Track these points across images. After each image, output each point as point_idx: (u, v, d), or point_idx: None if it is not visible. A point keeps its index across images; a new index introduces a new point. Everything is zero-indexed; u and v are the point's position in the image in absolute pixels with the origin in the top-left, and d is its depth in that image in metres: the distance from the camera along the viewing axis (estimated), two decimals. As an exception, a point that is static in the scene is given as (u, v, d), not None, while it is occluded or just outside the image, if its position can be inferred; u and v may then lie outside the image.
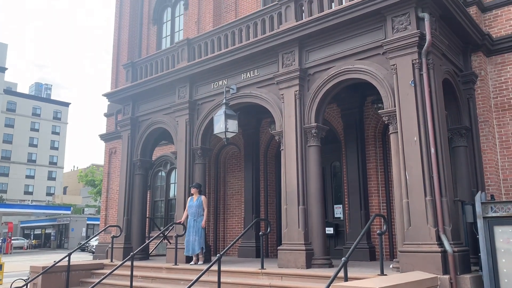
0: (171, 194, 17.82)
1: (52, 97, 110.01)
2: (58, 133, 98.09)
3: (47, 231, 68.99)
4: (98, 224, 29.15)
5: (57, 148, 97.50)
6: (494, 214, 7.37)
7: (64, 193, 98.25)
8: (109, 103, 18.82)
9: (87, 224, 63.57)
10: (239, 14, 16.30)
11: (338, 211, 12.98)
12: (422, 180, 7.73)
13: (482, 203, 7.52)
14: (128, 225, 13.47)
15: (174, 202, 14.84)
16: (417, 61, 8.16)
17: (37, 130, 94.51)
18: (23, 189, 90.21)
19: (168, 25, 20.34)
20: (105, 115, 20.74)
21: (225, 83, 11.72)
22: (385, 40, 8.64)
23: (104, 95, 14.68)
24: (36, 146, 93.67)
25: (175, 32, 19.97)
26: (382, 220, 9.47)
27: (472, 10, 10.70)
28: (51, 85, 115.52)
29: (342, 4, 9.61)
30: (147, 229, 15.58)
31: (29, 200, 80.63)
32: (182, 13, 19.61)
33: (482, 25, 10.92)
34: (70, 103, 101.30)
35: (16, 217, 69.50)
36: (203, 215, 11.29)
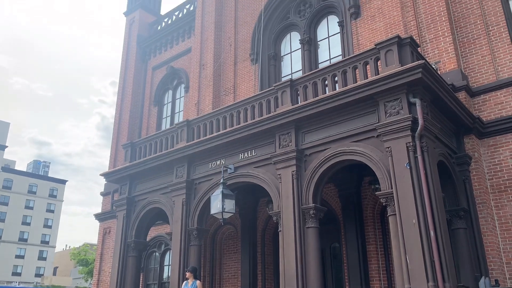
0: (165, 277, 17.15)
1: (50, 174, 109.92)
2: (52, 211, 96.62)
3: (33, 315, 65.14)
4: (87, 309, 27.63)
5: (50, 227, 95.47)
6: (500, 301, 7.07)
7: (54, 273, 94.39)
8: (106, 182, 18.80)
9: (75, 308, 60.21)
10: (238, 97, 16.91)
11: (339, 296, 12.44)
12: (424, 265, 7.53)
13: (487, 289, 7.25)
14: (118, 311, 12.78)
15: (168, 286, 14.23)
16: (411, 144, 8.34)
17: (32, 208, 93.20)
18: (11, 269, 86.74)
19: (168, 107, 21.01)
20: (102, 194, 20.63)
21: (223, 162, 11.83)
22: (379, 124, 8.89)
23: (102, 174, 14.73)
24: (29, 224, 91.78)
25: (175, 113, 20.58)
26: (385, 307, 9.04)
27: (462, 95, 11.15)
28: (49, 163, 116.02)
29: (335, 89, 10.02)
30: (138, 315, 14.75)
31: (16, 282, 77.17)
32: (182, 95, 20.36)
33: (472, 109, 11.32)
34: (67, 181, 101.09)
35: (1, 300, 66.00)
36: (198, 300, 10.76)
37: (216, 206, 10.89)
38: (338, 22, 15.32)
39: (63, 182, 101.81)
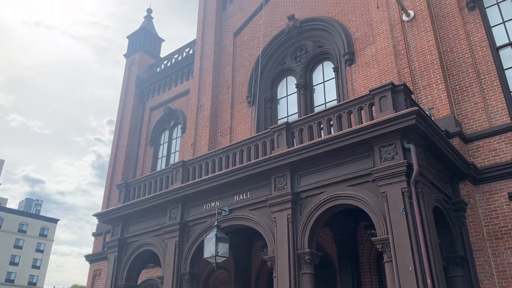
0: (155, 323, 16.54)
1: (42, 213, 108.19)
2: (42, 251, 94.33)
3: None
4: None
5: (38, 267, 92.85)
6: None
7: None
8: (98, 222, 18.51)
9: None
10: (234, 139, 17.02)
11: None
12: (421, 314, 7.33)
13: None
14: None
15: (157, 333, 13.72)
16: (407, 189, 8.34)
17: (21, 248, 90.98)
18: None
19: (164, 147, 21.07)
20: (93, 234, 20.25)
21: (218, 204, 11.72)
22: (374, 169, 8.92)
23: (95, 215, 14.52)
24: (17, 264, 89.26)
25: (171, 153, 20.61)
26: None
27: (455, 141, 11.27)
28: (42, 201, 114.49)
29: (331, 133, 10.11)
30: None
31: (0, 325, 74.04)
32: (179, 135, 20.47)
33: (466, 155, 11.41)
34: (58, 220, 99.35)
35: None
36: None
37: (209, 249, 10.69)
38: (333, 68, 15.69)
39: (55, 221, 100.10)
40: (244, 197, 11.25)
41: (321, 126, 10.44)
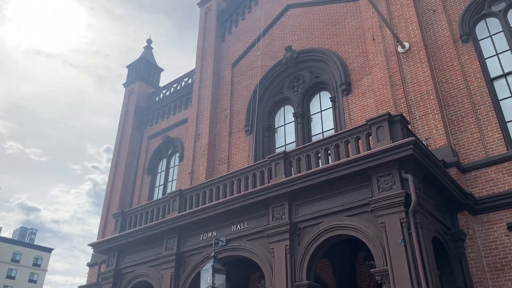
0: None
1: (36, 242, 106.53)
2: (35, 281, 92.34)
3: None
4: None
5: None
6: None
7: None
8: (93, 252, 18.24)
9: None
10: (232, 167, 17.01)
11: None
12: None
13: None
14: None
15: None
16: (405, 220, 8.29)
17: (13, 278, 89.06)
18: None
19: (162, 175, 21.00)
20: (88, 265, 19.90)
21: (215, 234, 11.59)
22: (372, 199, 8.89)
23: (90, 245, 14.32)
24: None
25: (168, 182, 20.52)
26: None
27: (453, 171, 11.27)
28: (36, 230, 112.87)
29: (328, 163, 10.13)
30: None
31: None
32: (176, 164, 20.45)
33: (464, 185, 11.39)
34: (52, 249, 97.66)
35: None
36: None
37: (206, 281, 10.50)
38: (330, 98, 15.86)
39: (49, 250, 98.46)
40: (242, 227, 11.15)
41: (319, 155, 10.47)
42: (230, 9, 21.47)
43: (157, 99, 23.58)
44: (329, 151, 10.35)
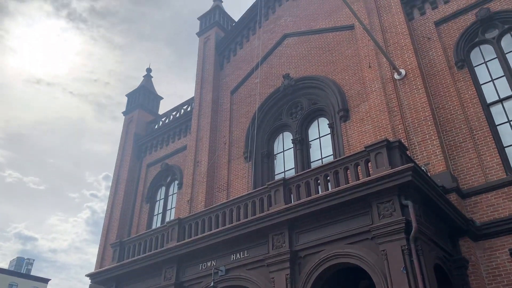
0: None
1: (33, 272, 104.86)
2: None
3: None
4: None
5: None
6: None
7: None
8: (91, 283, 17.93)
9: None
10: (231, 194, 16.93)
11: None
12: None
13: None
14: None
15: None
16: (406, 247, 8.21)
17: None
18: None
19: (160, 203, 20.87)
20: (85, 295, 19.54)
21: (214, 264, 11.44)
22: (373, 226, 8.83)
23: (88, 275, 14.10)
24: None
25: (167, 210, 20.39)
26: None
27: (453, 197, 11.23)
28: (33, 260, 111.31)
29: (328, 189, 10.10)
30: None
31: None
32: (175, 192, 20.35)
33: (465, 211, 11.33)
34: (49, 280, 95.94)
35: None
36: None
37: (205, 311, 10.30)
38: (328, 124, 15.95)
39: (46, 281, 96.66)
40: (241, 256, 11.02)
41: (318, 181, 10.46)
42: (229, 38, 21.85)
43: (156, 127, 23.69)
44: (328, 178, 10.34)
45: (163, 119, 23.71)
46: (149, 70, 27.38)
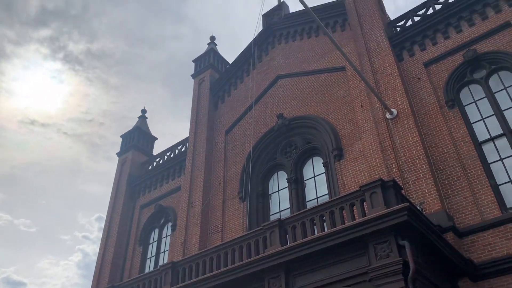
0: None
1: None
2: None
3: None
4: None
5: None
6: None
7: None
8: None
9: None
10: (225, 235, 16.69)
11: None
12: None
13: None
14: None
15: None
16: (405, 289, 8.04)
17: None
18: None
19: (154, 246, 20.48)
20: None
21: (209, 309, 11.09)
22: (370, 267, 8.69)
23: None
24: None
25: (160, 253, 19.99)
26: None
27: (449, 236, 11.12)
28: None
29: (324, 230, 9.99)
30: None
31: None
32: (169, 234, 20.03)
33: (462, 250, 11.19)
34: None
35: None
36: None
37: None
38: (322, 163, 15.98)
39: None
40: (237, 300, 10.71)
41: (314, 222, 10.36)
42: (223, 79, 22.24)
43: (150, 167, 23.61)
44: (324, 218, 10.26)
45: (157, 160, 23.67)
46: (144, 111, 27.60)
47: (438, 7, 16.14)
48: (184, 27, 77.27)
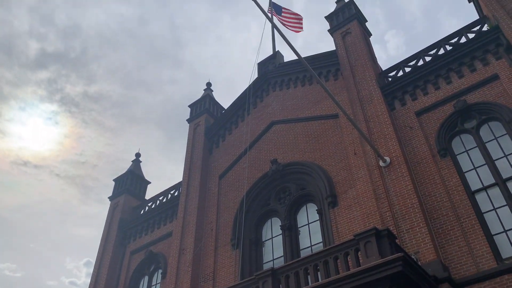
0: None
1: None
2: None
3: None
4: None
5: None
6: None
7: None
8: None
9: None
10: (217, 284, 16.28)
11: None
12: None
13: None
14: None
15: None
16: None
17: None
18: None
19: (144, 293, 19.85)
20: None
21: None
22: (365, 320, 8.44)
23: None
24: None
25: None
26: None
27: (445, 287, 10.89)
28: None
29: (318, 280, 9.79)
30: None
31: None
32: (159, 281, 19.49)
33: (460, 304, 10.91)
34: None
35: None
36: None
37: None
38: (317, 210, 15.87)
39: None
40: None
41: (308, 271, 10.16)
42: (218, 124, 22.46)
43: (142, 212, 23.30)
44: (318, 267, 10.07)
45: (149, 204, 23.41)
46: (138, 154, 27.60)
47: (428, 58, 16.67)
48: (181, 71, 78.90)
